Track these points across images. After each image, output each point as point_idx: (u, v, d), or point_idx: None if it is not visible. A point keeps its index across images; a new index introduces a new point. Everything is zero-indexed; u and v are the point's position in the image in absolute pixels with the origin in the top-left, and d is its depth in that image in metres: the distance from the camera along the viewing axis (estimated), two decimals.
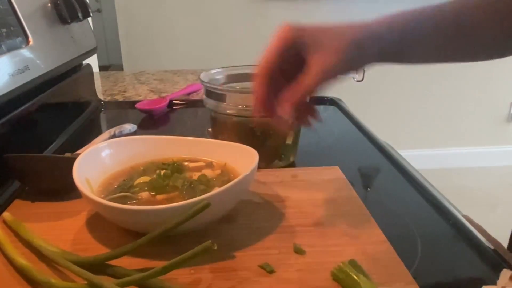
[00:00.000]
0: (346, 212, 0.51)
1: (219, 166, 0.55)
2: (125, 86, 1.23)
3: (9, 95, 0.57)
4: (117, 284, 0.37)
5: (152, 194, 0.49)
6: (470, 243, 0.49)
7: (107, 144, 0.56)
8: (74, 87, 0.88)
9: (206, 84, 0.67)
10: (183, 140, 0.58)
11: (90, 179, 0.50)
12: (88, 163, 0.51)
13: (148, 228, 0.41)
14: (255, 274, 0.41)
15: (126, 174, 0.54)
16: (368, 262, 0.42)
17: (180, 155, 0.57)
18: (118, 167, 0.55)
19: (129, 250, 0.41)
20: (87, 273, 0.38)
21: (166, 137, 0.59)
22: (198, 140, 0.58)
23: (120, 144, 0.57)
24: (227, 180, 0.51)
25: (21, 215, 0.50)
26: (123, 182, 0.52)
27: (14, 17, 0.64)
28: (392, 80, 2.56)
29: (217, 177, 0.53)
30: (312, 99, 0.49)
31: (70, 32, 0.82)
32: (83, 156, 0.51)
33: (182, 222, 0.40)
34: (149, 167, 0.55)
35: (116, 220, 0.47)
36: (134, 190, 0.50)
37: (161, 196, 0.49)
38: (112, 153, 0.55)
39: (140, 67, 2.34)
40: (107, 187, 0.51)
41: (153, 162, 0.56)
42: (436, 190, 0.61)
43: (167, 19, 2.38)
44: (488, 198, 2.42)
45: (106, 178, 0.53)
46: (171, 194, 0.49)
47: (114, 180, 0.53)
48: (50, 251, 0.42)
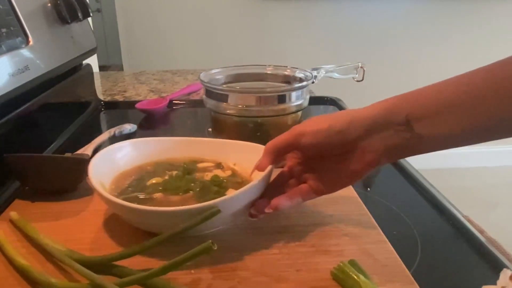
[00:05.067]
0: (346, 212, 0.51)
1: (228, 167, 0.55)
2: (125, 86, 1.23)
3: (9, 95, 0.57)
4: (117, 284, 0.37)
5: (166, 195, 0.49)
6: (470, 243, 0.49)
7: (118, 147, 0.56)
8: (74, 87, 0.88)
9: (206, 84, 0.67)
10: (190, 140, 0.58)
11: (102, 178, 0.50)
12: (102, 164, 0.51)
13: (162, 229, 0.41)
14: (255, 274, 0.41)
15: (135, 173, 0.54)
16: (368, 262, 0.42)
17: (187, 155, 0.57)
18: (127, 166, 0.55)
19: (137, 251, 0.41)
20: (91, 273, 0.38)
21: (171, 138, 0.59)
22: (206, 140, 0.58)
23: (132, 145, 0.57)
24: (240, 182, 0.51)
25: (21, 215, 0.50)
26: (135, 182, 0.52)
27: (14, 17, 0.64)
28: (392, 80, 2.56)
29: (228, 178, 0.53)
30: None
31: (70, 32, 0.82)
32: (98, 157, 0.51)
33: (191, 227, 0.41)
34: (158, 168, 0.55)
35: (131, 220, 0.46)
36: (148, 191, 0.50)
37: (175, 197, 0.49)
38: (122, 154, 0.55)
39: (140, 67, 2.34)
40: (119, 186, 0.51)
41: (158, 163, 0.56)
42: (436, 190, 0.61)
43: (167, 19, 2.38)
44: (488, 199, 2.42)
45: (116, 177, 0.53)
46: (185, 195, 0.49)
47: (124, 179, 0.53)
48: (56, 250, 0.42)
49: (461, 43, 2.53)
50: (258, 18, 2.42)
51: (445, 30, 2.51)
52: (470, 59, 2.57)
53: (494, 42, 2.54)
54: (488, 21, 2.51)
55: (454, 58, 2.55)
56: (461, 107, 0.38)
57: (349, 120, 0.42)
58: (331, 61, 0.86)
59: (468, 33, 2.52)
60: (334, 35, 2.48)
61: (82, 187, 0.57)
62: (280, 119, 0.67)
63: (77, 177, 0.57)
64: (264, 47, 2.45)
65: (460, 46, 2.54)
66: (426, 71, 2.57)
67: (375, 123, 0.41)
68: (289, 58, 2.38)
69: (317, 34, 2.47)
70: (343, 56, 2.44)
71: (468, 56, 2.55)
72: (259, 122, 0.66)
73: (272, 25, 2.44)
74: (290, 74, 0.73)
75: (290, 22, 2.44)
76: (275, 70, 0.74)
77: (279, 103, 0.65)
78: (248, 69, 0.75)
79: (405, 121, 0.40)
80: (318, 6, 2.43)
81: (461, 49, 2.54)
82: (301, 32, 2.46)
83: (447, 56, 2.54)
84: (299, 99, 0.67)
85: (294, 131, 0.45)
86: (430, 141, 0.40)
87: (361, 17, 2.47)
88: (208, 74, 0.71)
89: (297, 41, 2.47)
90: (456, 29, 2.51)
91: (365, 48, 2.48)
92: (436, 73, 2.83)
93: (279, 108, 0.66)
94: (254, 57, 2.37)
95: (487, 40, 2.53)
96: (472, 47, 2.54)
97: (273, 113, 0.66)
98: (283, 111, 0.66)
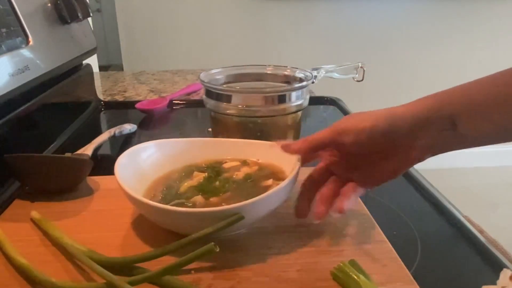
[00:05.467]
0: (346, 212, 0.51)
1: (254, 163, 0.55)
2: (125, 86, 1.23)
3: (9, 95, 0.57)
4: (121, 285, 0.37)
5: (205, 198, 0.49)
6: (470, 243, 0.49)
7: (143, 147, 0.55)
8: (74, 87, 0.88)
9: (206, 84, 0.67)
10: (209, 141, 0.59)
11: (129, 180, 0.48)
12: (128, 166, 0.50)
13: (194, 229, 0.41)
14: (255, 274, 0.41)
15: (163, 180, 0.53)
16: (368, 262, 0.42)
17: (206, 157, 0.56)
18: (152, 169, 0.54)
19: (159, 254, 0.41)
20: (109, 274, 0.38)
21: (192, 140, 0.58)
22: (226, 141, 0.59)
23: (157, 145, 0.56)
24: (269, 173, 0.52)
25: (21, 215, 0.50)
26: (166, 192, 0.50)
27: (14, 17, 0.64)
28: (392, 80, 2.56)
29: (258, 172, 0.53)
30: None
31: (70, 32, 0.82)
32: (124, 158, 0.51)
33: (215, 232, 0.41)
34: (185, 171, 0.54)
35: (163, 222, 0.46)
36: (187, 196, 0.49)
37: (215, 198, 0.49)
38: (146, 155, 0.54)
39: (140, 67, 2.34)
40: (152, 199, 0.49)
41: (184, 167, 0.55)
42: (436, 190, 0.61)
43: (167, 19, 2.38)
44: (488, 199, 2.42)
45: (146, 189, 0.51)
46: (223, 195, 0.49)
47: (153, 190, 0.51)
48: (76, 250, 0.42)
49: (461, 43, 2.53)
50: (258, 18, 2.42)
51: (445, 29, 2.51)
52: (470, 59, 2.58)
53: (494, 42, 2.54)
54: (488, 21, 2.51)
55: (454, 58, 2.55)
56: (507, 106, 0.38)
57: (392, 120, 0.42)
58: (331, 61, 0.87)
59: (468, 33, 2.52)
60: (334, 35, 2.48)
61: (82, 187, 0.57)
62: (280, 119, 0.67)
63: (77, 177, 0.57)
64: (264, 47, 2.45)
65: (460, 46, 2.54)
66: (426, 71, 2.57)
67: (418, 123, 0.41)
68: (289, 58, 2.38)
69: (317, 34, 2.47)
70: (343, 56, 2.43)
71: (468, 56, 2.55)
72: (259, 122, 0.66)
73: (272, 25, 2.44)
74: (290, 74, 0.73)
75: (290, 22, 2.44)
76: (275, 70, 0.74)
77: (279, 103, 0.65)
78: (248, 69, 0.75)
79: (449, 122, 0.40)
80: (318, 6, 2.43)
81: (461, 49, 2.54)
82: (301, 32, 2.46)
83: (447, 56, 2.54)
84: (299, 99, 0.66)
85: (335, 128, 0.45)
86: (474, 140, 0.41)
87: (361, 17, 2.47)
88: (208, 74, 0.71)
89: (297, 41, 2.47)
90: (456, 29, 2.51)
91: (365, 48, 2.48)
92: (436, 73, 2.84)
93: (279, 108, 0.66)
94: (254, 57, 2.37)
95: (487, 40, 2.53)
96: (472, 46, 2.54)
97: (273, 113, 0.66)
98: (283, 111, 0.66)
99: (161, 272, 0.38)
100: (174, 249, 0.41)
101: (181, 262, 0.38)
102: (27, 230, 0.48)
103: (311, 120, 0.92)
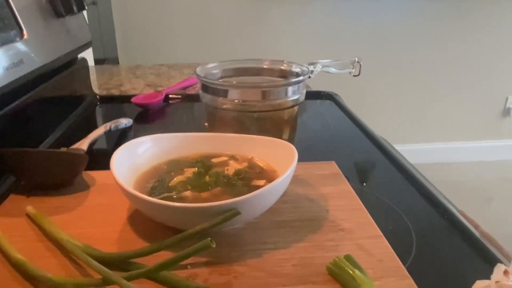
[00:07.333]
0: (342, 207, 0.51)
1: (244, 159, 0.55)
2: (120, 80, 1.22)
3: (3, 89, 0.57)
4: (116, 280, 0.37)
5: (195, 192, 0.49)
6: (464, 238, 0.50)
7: (139, 141, 0.55)
8: (69, 81, 0.87)
9: (202, 79, 0.67)
10: (201, 136, 0.58)
11: (124, 175, 0.49)
12: (124, 160, 0.50)
13: (188, 225, 0.42)
14: (251, 268, 0.41)
15: (153, 174, 0.53)
16: (363, 257, 0.42)
17: (197, 151, 0.56)
18: (146, 163, 0.54)
19: (154, 250, 0.41)
20: (106, 269, 0.38)
21: (186, 134, 0.58)
22: (219, 136, 0.58)
23: (153, 141, 0.56)
24: (260, 172, 0.52)
25: (16, 209, 0.50)
26: (158, 184, 0.50)
27: (8, 10, 0.63)
28: (389, 75, 2.56)
29: (247, 169, 0.53)
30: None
31: (65, 25, 0.81)
32: (120, 152, 0.50)
33: (211, 227, 0.41)
34: (174, 166, 0.54)
35: (159, 218, 0.46)
36: (177, 190, 0.49)
37: (205, 193, 0.49)
38: (142, 150, 0.54)
39: (135, 61, 2.33)
40: (142, 190, 0.49)
41: (173, 161, 0.55)
42: (431, 185, 0.61)
43: (162, 13, 2.37)
44: (483, 193, 2.43)
45: (136, 180, 0.51)
46: (213, 190, 0.49)
47: (145, 182, 0.51)
48: (72, 245, 0.42)
49: (459, 40, 2.54)
50: (254, 13, 2.41)
51: (443, 26, 2.51)
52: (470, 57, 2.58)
53: (494, 42, 2.55)
54: (488, 21, 2.51)
55: (452, 55, 2.55)
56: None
57: None
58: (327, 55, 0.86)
59: (466, 29, 2.52)
60: (330, 30, 2.48)
61: (78, 182, 0.57)
62: (276, 114, 0.67)
63: (72, 171, 0.57)
64: (260, 41, 2.44)
65: (458, 43, 2.54)
66: (422, 66, 2.57)
67: None
68: (285, 53, 2.38)
69: (314, 29, 2.46)
70: (339, 51, 2.44)
71: (467, 54, 2.56)
72: (255, 116, 0.66)
73: (268, 20, 2.43)
74: (287, 69, 0.72)
75: (286, 16, 2.43)
76: (271, 65, 0.74)
77: (276, 98, 0.65)
78: (244, 64, 0.75)
79: None
80: (318, 6, 2.42)
81: (458, 46, 2.54)
82: (297, 26, 2.45)
83: (444, 52, 2.54)
84: (296, 94, 0.66)
85: None
86: None
87: (357, 12, 2.46)
88: (204, 69, 0.70)
89: (293, 35, 2.46)
90: (454, 27, 2.51)
91: (361, 43, 2.48)
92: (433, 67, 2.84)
93: (275, 103, 0.66)
94: (251, 51, 2.37)
95: (487, 39, 2.54)
96: (469, 43, 2.54)
97: (270, 108, 0.66)
98: (279, 105, 0.66)
99: (158, 267, 0.38)
100: (170, 244, 0.41)
101: (178, 257, 0.38)
102: (22, 225, 0.48)
103: (307, 115, 0.92)
